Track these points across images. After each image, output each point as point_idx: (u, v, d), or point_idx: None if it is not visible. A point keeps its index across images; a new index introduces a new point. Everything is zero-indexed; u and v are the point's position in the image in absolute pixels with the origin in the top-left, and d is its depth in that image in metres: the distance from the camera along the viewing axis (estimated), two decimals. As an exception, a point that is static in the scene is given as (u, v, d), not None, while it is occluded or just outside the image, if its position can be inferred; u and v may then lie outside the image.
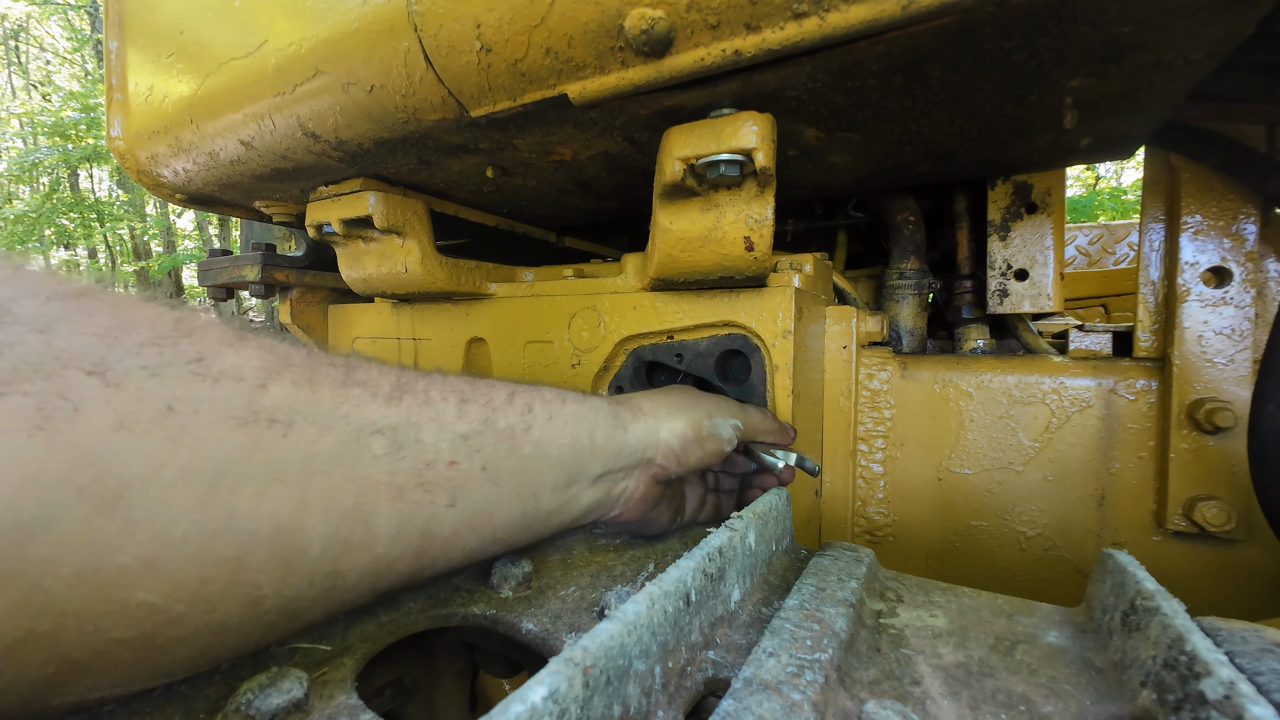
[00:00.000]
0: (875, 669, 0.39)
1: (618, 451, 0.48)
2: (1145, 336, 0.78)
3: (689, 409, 0.55)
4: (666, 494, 0.55)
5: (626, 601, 0.33)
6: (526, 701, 0.24)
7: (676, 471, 0.53)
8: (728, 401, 0.61)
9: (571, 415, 0.45)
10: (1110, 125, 0.68)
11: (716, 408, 0.58)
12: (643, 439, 0.50)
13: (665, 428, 0.52)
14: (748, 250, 0.65)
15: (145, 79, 0.83)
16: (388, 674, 0.53)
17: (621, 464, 0.49)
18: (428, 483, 0.35)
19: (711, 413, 0.56)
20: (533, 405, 0.43)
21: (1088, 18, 0.46)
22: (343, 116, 0.69)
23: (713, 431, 0.54)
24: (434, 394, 0.38)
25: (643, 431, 0.50)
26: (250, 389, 0.29)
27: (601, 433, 0.47)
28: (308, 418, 0.30)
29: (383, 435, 0.33)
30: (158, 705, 0.32)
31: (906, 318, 0.96)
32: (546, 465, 0.42)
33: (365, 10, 0.60)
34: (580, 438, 0.45)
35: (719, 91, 0.57)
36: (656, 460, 0.51)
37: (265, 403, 0.29)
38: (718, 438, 0.55)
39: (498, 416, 0.40)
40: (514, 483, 0.40)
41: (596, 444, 0.46)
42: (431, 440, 0.36)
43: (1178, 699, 0.31)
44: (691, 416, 0.54)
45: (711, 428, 0.55)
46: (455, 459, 0.36)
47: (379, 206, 0.85)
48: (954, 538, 0.85)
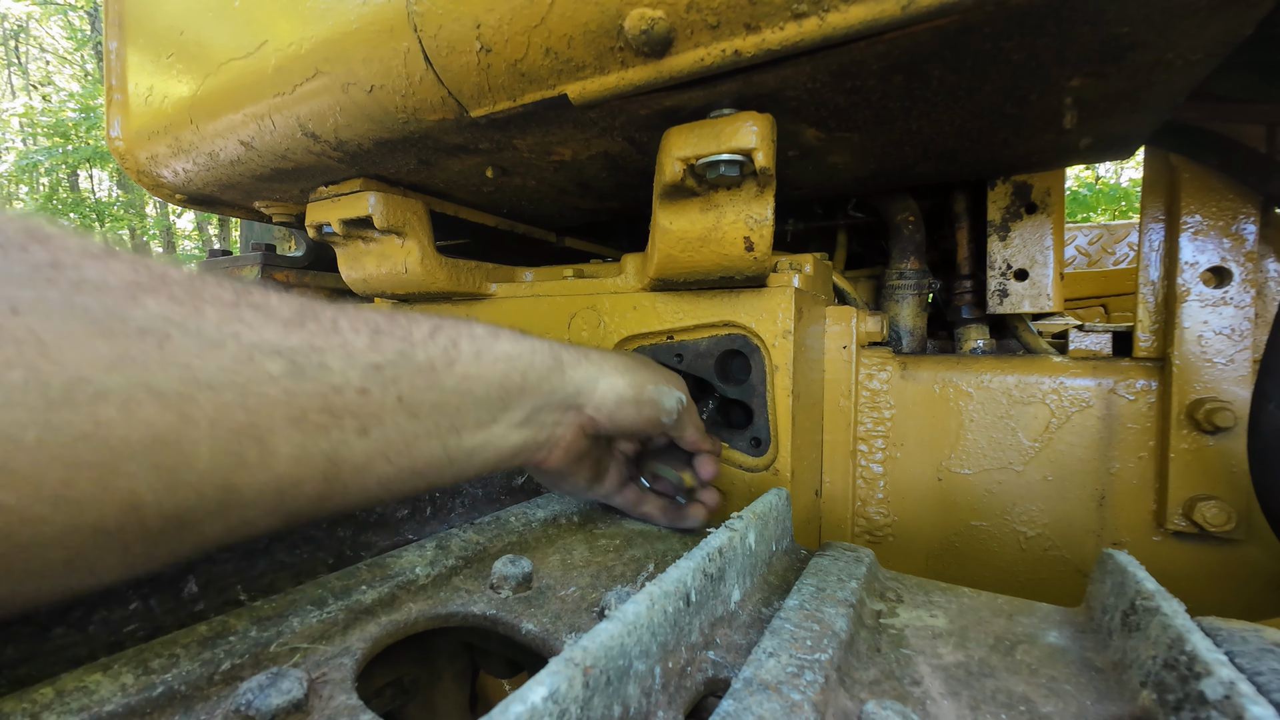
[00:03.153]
0: (875, 669, 0.39)
1: (550, 393, 0.47)
2: (1145, 336, 0.78)
3: (635, 371, 0.54)
4: (593, 452, 0.54)
5: (626, 602, 0.33)
6: (526, 702, 0.24)
7: (607, 428, 0.52)
8: (679, 380, 0.60)
9: (504, 354, 0.44)
10: (1110, 125, 0.68)
11: (665, 379, 0.57)
12: (579, 385, 0.49)
13: (605, 381, 0.51)
14: (748, 250, 0.65)
15: (145, 79, 0.83)
16: (388, 674, 0.53)
17: (552, 408, 0.48)
18: (334, 408, 0.33)
19: (658, 380, 0.55)
20: (458, 341, 0.42)
21: (1088, 18, 0.46)
22: (343, 117, 0.69)
23: (654, 397, 0.54)
24: (343, 323, 0.36)
25: (580, 378, 0.50)
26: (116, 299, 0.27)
27: (535, 373, 0.46)
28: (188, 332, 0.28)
29: (280, 357, 0.31)
30: (157, 705, 0.32)
31: (906, 318, 0.96)
32: (470, 401, 0.41)
33: (365, 10, 0.60)
34: (511, 376, 0.44)
35: (719, 91, 0.57)
36: (587, 410, 0.50)
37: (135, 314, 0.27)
38: (657, 405, 0.54)
39: (416, 350, 0.39)
40: (434, 417, 0.39)
41: (529, 384, 0.45)
42: (338, 367, 0.34)
43: (1178, 699, 0.31)
44: (635, 378, 0.53)
45: (655, 393, 0.54)
46: (366, 387, 0.35)
47: (379, 207, 0.85)
48: (954, 538, 0.85)
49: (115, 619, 0.39)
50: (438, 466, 0.41)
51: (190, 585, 0.43)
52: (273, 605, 0.40)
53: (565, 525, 0.61)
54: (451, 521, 0.61)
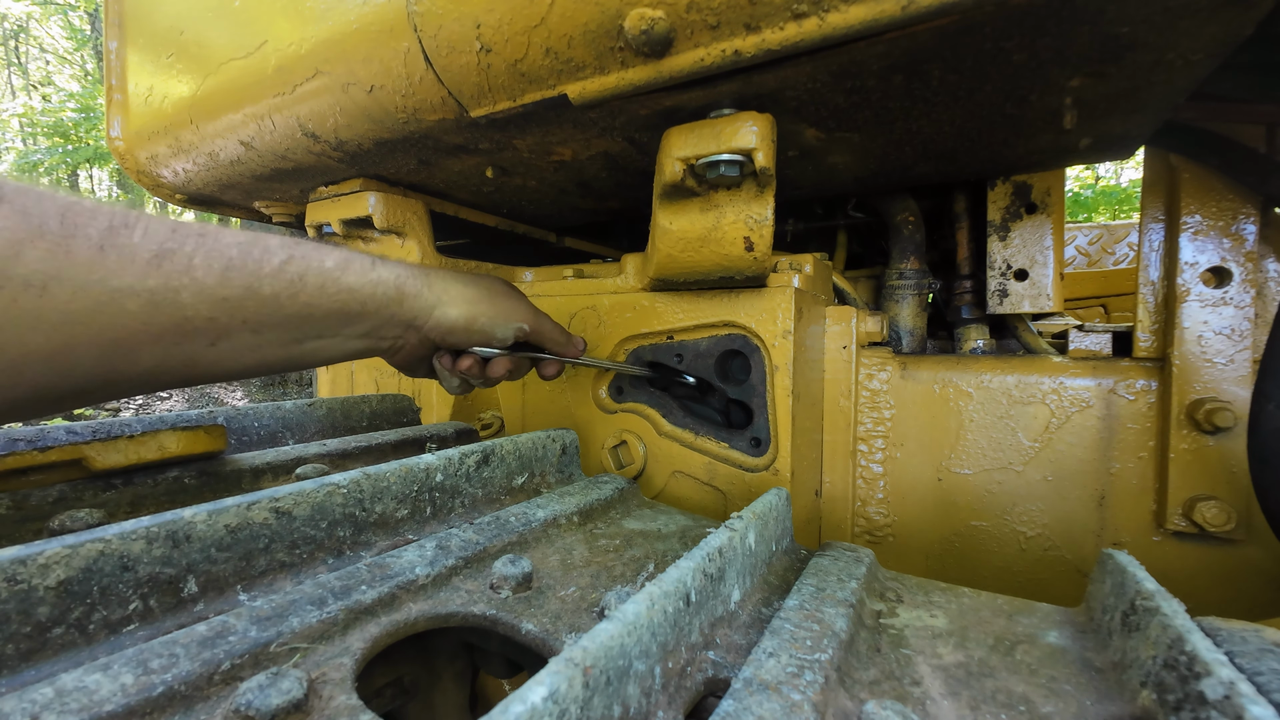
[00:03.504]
0: (875, 669, 0.39)
1: (389, 317, 0.55)
2: (1145, 336, 0.78)
3: (475, 304, 0.61)
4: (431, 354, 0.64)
5: (626, 602, 0.33)
6: (526, 702, 0.24)
7: (443, 344, 0.62)
8: (523, 307, 0.66)
9: (346, 287, 0.50)
10: (1110, 125, 0.68)
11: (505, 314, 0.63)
12: (416, 311, 0.57)
13: (440, 310, 0.59)
14: (747, 250, 0.65)
15: (145, 79, 0.83)
16: (388, 674, 0.53)
17: (390, 327, 0.56)
18: (185, 330, 0.41)
19: (492, 315, 0.62)
20: (305, 275, 0.47)
21: (1088, 18, 0.46)
22: (343, 117, 0.69)
23: (485, 327, 0.62)
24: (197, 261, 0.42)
25: (418, 306, 0.57)
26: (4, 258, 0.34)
27: (375, 303, 0.53)
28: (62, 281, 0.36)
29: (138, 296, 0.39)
30: (157, 705, 0.32)
31: (906, 318, 0.96)
32: (310, 322, 0.49)
33: (365, 10, 0.60)
34: (350, 305, 0.51)
35: (719, 92, 0.57)
36: (425, 329, 0.59)
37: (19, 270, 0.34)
38: (488, 334, 0.62)
39: (263, 284, 0.45)
40: (276, 333, 0.47)
41: (367, 310, 0.53)
42: (189, 302, 0.41)
43: (1178, 699, 0.31)
44: (472, 310, 0.61)
45: (487, 324, 0.62)
46: (214, 316, 0.42)
47: (379, 207, 0.85)
48: (954, 538, 0.85)
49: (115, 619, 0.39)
50: (282, 362, 0.50)
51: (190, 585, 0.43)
52: (272, 605, 0.40)
53: (565, 525, 0.61)
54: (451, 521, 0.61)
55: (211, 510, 0.43)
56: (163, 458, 0.62)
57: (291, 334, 0.48)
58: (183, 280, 0.41)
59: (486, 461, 0.66)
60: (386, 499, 0.56)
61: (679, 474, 0.81)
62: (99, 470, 0.58)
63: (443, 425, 0.92)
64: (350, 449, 0.77)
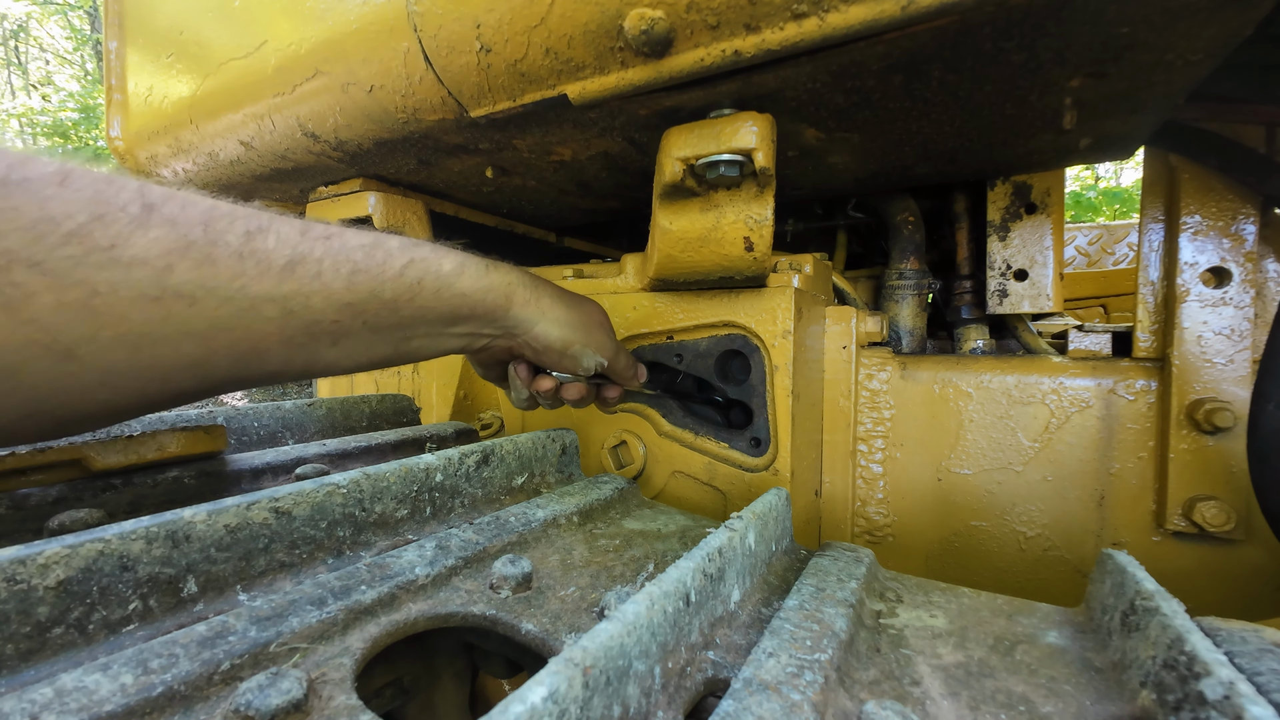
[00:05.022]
0: (875, 669, 0.39)
1: (491, 321, 0.57)
2: (1145, 337, 0.78)
3: (573, 328, 0.63)
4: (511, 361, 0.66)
5: (626, 602, 0.33)
6: (526, 702, 0.24)
7: (530, 359, 0.63)
8: (610, 341, 0.67)
9: (459, 292, 0.53)
10: (1110, 125, 0.68)
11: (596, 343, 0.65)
12: (518, 321, 0.59)
13: (541, 327, 0.60)
14: (747, 250, 0.65)
15: (145, 79, 0.83)
16: (387, 674, 0.53)
17: (489, 329, 0.58)
18: (313, 333, 0.44)
19: (585, 342, 0.64)
20: (423, 279, 0.50)
21: (1087, 18, 0.46)
22: (342, 117, 0.69)
23: (576, 355, 0.63)
24: (326, 266, 0.44)
25: (521, 317, 0.59)
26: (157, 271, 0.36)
27: (484, 308, 0.55)
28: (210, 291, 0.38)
29: (274, 303, 0.41)
30: (157, 706, 0.32)
31: (906, 318, 0.96)
32: (423, 323, 0.51)
33: (365, 10, 0.60)
34: (460, 309, 0.53)
35: (719, 92, 0.57)
36: (518, 340, 0.61)
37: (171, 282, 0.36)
38: (577, 361, 0.64)
39: (385, 288, 0.47)
40: (391, 333, 0.49)
41: (475, 314, 0.55)
42: (319, 306, 0.43)
43: (1177, 699, 0.31)
44: (566, 335, 0.62)
45: (578, 353, 0.63)
46: (339, 319, 0.45)
47: (379, 207, 0.85)
48: (954, 538, 0.85)
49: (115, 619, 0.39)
50: (387, 359, 0.52)
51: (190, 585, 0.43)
52: (272, 605, 0.40)
53: (565, 525, 0.61)
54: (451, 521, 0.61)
55: (211, 510, 0.43)
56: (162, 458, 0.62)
57: (403, 333, 0.50)
58: (314, 286, 0.43)
59: (486, 461, 0.66)
60: (386, 499, 0.56)
61: (679, 474, 0.81)
62: (98, 470, 0.58)
63: (442, 425, 0.92)
64: (350, 449, 0.77)
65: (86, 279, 0.33)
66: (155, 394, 0.39)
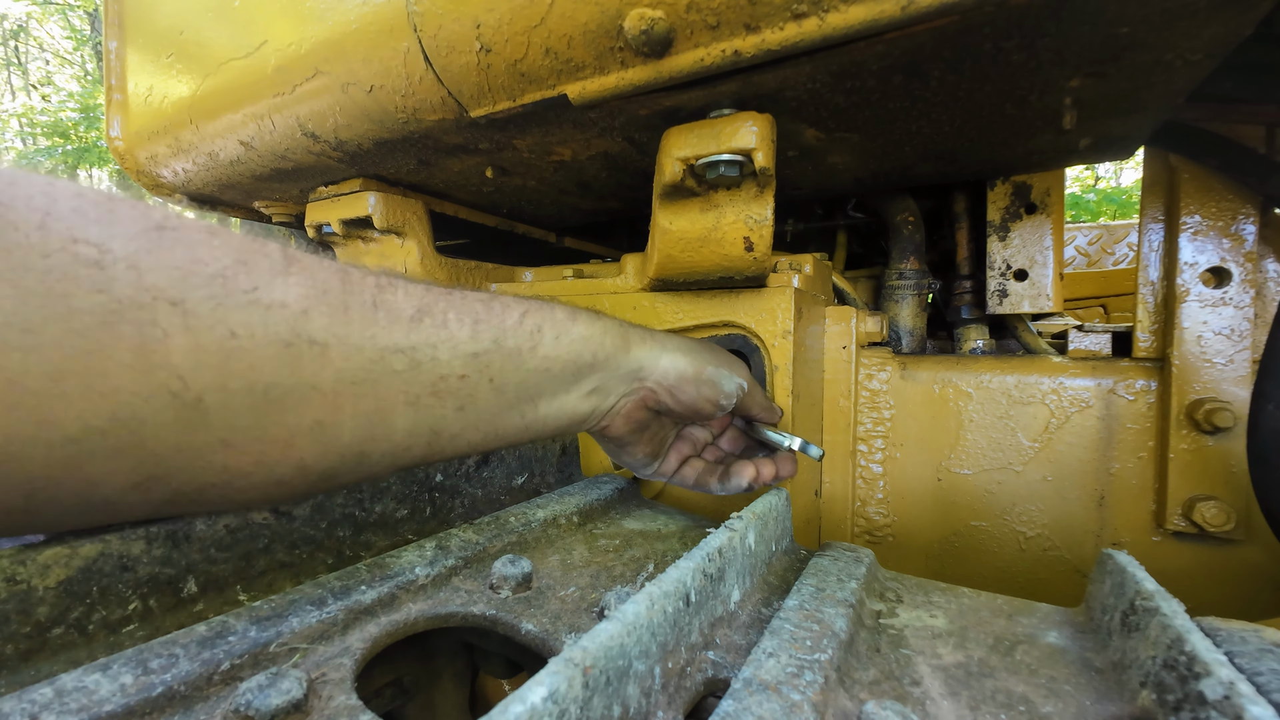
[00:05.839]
0: (875, 669, 0.39)
1: (616, 368, 0.52)
2: (1144, 337, 0.78)
3: (697, 351, 0.57)
4: (653, 425, 0.59)
5: (626, 602, 0.33)
6: (526, 702, 0.24)
7: (667, 404, 0.56)
8: (740, 364, 0.62)
9: (579, 335, 0.50)
10: (1110, 125, 0.68)
11: (727, 362, 0.60)
12: (642, 361, 0.54)
13: (668, 358, 0.55)
14: (747, 250, 0.65)
15: (145, 79, 0.83)
16: (387, 674, 0.53)
17: (617, 379, 0.53)
18: (439, 392, 0.41)
19: (719, 363, 0.58)
20: (542, 327, 0.48)
21: (1087, 18, 0.46)
22: (342, 117, 0.69)
23: (713, 378, 0.57)
24: (451, 316, 0.43)
25: (644, 355, 0.54)
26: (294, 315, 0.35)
27: (605, 351, 0.51)
28: (341, 339, 0.36)
29: (403, 354, 0.39)
30: (157, 706, 0.32)
31: (906, 318, 0.96)
32: (548, 379, 0.48)
33: (365, 10, 0.60)
34: (583, 355, 0.50)
35: (719, 92, 0.57)
36: (649, 383, 0.55)
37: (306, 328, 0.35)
38: (716, 386, 0.57)
39: (507, 337, 0.45)
40: (516, 392, 0.46)
41: (598, 360, 0.51)
42: (446, 358, 0.42)
43: (1177, 699, 0.31)
44: (696, 358, 0.56)
45: (714, 375, 0.57)
46: (465, 374, 0.43)
47: (379, 207, 0.85)
48: (954, 538, 0.85)
49: (115, 619, 0.39)
50: (516, 431, 0.48)
51: (190, 585, 0.43)
52: (272, 605, 0.40)
53: (565, 525, 0.61)
54: (451, 521, 0.61)
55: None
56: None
57: (529, 392, 0.47)
58: (440, 335, 0.41)
59: (486, 462, 0.66)
60: (386, 499, 0.57)
61: (679, 474, 0.81)
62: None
63: (442, 425, 0.92)
64: (350, 449, 0.77)
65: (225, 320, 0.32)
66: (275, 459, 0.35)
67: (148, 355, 0.29)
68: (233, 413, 0.33)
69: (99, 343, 0.28)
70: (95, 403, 0.29)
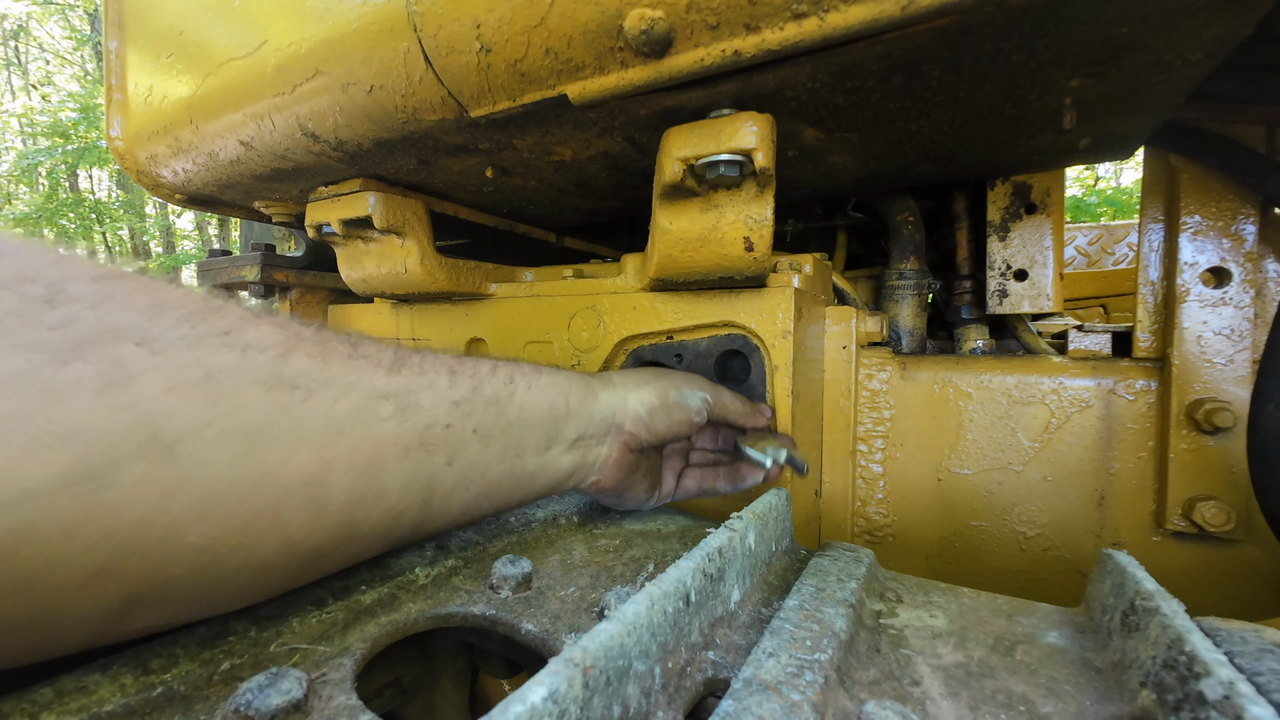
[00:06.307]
0: (875, 669, 0.39)
1: (590, 416, 0.53)
2: (1144, 337, 0.78)
3: (656, 381, 0.59)
4: (642, 464, 0.59)
5: (626, 602, 0.33)
6: (526, 702, 0.24)
7: (647, 440, 0.57)
8: (698, 378, 0.64)
9: (548, 384, 0.50)
10: (1109, 126, 0.68)
11: (685, 381, 0.62)
12: (612, 405, 0.55)
13: (633, 396, 0.56)
14: (747, 250, 0.65)
15: (145, 79, 0.83)
16: (387, 674, 0.53)
17: (594, 429, 0.53)
18: (428, 443, 0.40)
19: (679, 385, 0.60)
20: (514, 377, 0.48)
21: (1087, 18, 0.46)
22: (342, 117, 0.69)
23: (679, 401, 0.59)
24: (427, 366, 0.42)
25: (612, 399, 0.55)
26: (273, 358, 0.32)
27: (575, 399, 0.52)
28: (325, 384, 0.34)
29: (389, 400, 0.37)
30: (157, 706, 0.32)
31: (906, 318, 0.96)
32: (528, 429, 0.48)
33: (365, 10, 0.60)
34: (557, 403, 0.50)
35: (719, 92, 0.57)
36: (626, 427, 0.55)
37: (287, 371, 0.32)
38: (685, 407, 0.59)
39: (484, 386, 0.45)
40: (501, 444, 0.45)
41: (571, 409, 0.51)
42: (429, 405, 0.40)
43: (1177, 699, 0.31)
44: (658, 387, 0.58)
45: (679, 398, 0.59)
46: (450, 422, 0.41)
47: (379, 207, 0.85)
48: (954, 538, 0.85)
49: (115, 619, 0.39)
50: (506, 489, 0.47)
51: (190, 585, 0.43)
52: (272, 605, 0.40)
53: (565, 525, 0.61)
54: (451, 521, 0.61)
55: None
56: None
57: (514, 444, 0.46)
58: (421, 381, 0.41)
59: (486, 461, 0.66)
60: (386, 499, 0.56)
61: (679, 474, 0.81)
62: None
63: (442, 425, 0.92)
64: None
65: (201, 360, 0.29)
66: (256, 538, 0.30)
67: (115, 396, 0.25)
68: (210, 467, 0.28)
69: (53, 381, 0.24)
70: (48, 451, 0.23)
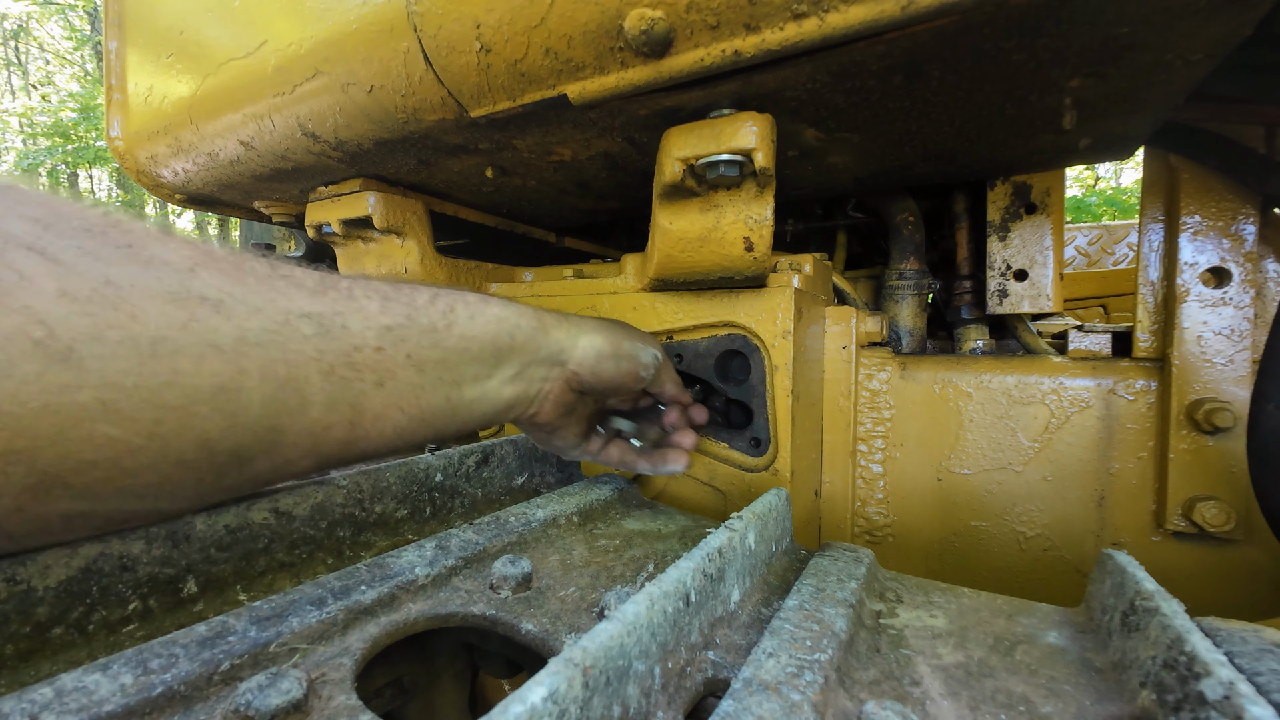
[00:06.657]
0: (875, 669, 0.39)
1: (536, 350, 0.52)
2: (1144, 337, 0.78)
3: (612, 329, 0.58)
4: (578, 407, 0.59)
5: (626, 602, 0.33)
6: (526, 702, 0.24)
7: (590, 383, 0.56)
8: (654, 340, 0.64)
9: (494, 316, 0.49)
10: (1109, 126, 0.68)
11: (640, 337, 0.61)
12: (561, 343, 0.54)
13: (585, 339, 0.56)
14: (747, 250, 0.65)
15: (145, 79, 0.83)
16: (387, 674, 0.53)
17: (538, 362, 0.53)
18: (355, 364, 0.39)
19: (634, 338, 0.59)
20: (455, 306, 0.47)
21: (1087, 18, 0.46)
22: (342, 117, 0.69)
23: (630, 353, 0.58)
24: (357, 291, 0.41)
25: (562, 336, 0.54)
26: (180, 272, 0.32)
27: (523, 333, 0.51)
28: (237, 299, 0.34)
29: (310, 320, 0.37)
30: (157, 706, 0.32)
31: (906, 318, 0.96)
32: (468, 358, 0.47)
33: (365, 10, 0.60)
34: (501, 336, 0.49)
35: (719, 92, 0.57)
36: (570, 365, 0.55)
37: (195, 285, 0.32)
38: (635, 359, 0.58)
39: (420, 314, 0.44)
40: (437, 372, 0.45)
41: (517, 343, 0.50)
42: (357, 328, 0.40)
43: (1177, 699, 0.31)
44: (612, 335, 0.57)
45: (631, 349, 0.58)
46: (380, 346, 0.41)
47: (379, 207, 0.85)
48: (954, 538, 0.85)
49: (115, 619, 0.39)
50: (443, 416, 0.46)
51: (190, 585, 0.43)
52: (272, 605, 0.40)
53: (565, 525, 0.61)
54: (451, 521, 0.61)
55: (211, 510, 0.43)
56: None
57: (451, 374, 0.46)
58: (348, 305, 0.40)
59: (486, 461, 0.66)
60: (386, 499, 0.57)
61: (679, 474, 0.81)
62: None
63: (442, 425, 0.92)
64: (350, 449, 0.77)
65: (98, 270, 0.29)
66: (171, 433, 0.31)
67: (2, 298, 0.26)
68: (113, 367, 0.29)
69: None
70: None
